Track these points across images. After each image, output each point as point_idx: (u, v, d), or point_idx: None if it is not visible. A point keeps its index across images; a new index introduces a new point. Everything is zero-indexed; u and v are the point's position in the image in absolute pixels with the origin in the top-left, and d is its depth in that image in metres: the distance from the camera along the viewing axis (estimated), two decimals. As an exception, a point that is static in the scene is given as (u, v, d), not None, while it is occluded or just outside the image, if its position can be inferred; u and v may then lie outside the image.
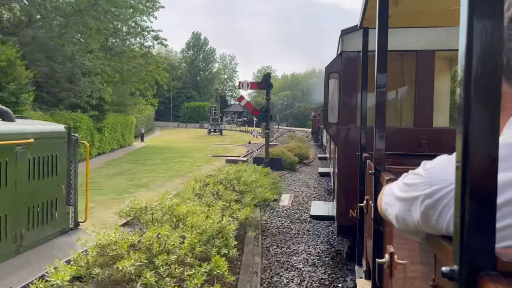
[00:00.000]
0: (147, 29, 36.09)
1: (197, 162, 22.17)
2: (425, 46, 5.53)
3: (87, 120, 24.41)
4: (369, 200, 3.13)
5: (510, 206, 0.75)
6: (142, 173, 17.89)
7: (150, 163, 22.03)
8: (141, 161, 23.44)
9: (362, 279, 3.85)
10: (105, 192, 12.56)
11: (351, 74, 5.78)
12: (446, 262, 0.84)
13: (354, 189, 4.52)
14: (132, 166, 21.08)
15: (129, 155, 27.28)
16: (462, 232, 0.66)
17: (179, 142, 41.39)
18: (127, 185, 14.43)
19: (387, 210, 1.10)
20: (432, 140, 5.37)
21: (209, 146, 32.04)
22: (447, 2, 2.93)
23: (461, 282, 0.66)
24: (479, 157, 0.65)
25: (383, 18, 2.49)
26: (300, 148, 21.34)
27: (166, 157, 25.18)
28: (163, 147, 34.11)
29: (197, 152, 28.05)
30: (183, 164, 20.91)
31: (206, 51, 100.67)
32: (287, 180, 14.82)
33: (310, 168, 18.95)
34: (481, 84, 0.64)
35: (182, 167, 19.79)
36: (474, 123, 0.64)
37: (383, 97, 2.59)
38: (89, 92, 24.09)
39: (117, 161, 23.80)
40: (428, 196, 0.86)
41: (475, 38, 0.63)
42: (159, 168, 19.94)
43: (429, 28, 5.19)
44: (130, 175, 17.57)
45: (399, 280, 1.82)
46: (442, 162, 0.89)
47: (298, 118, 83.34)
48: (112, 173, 18.42)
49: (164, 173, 17.95)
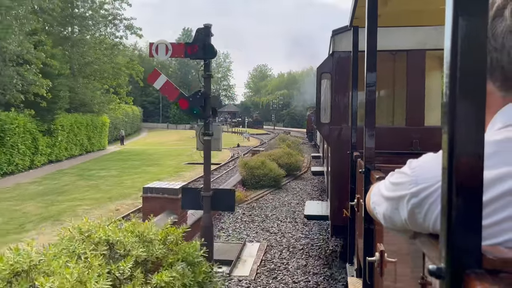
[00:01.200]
0: (118, 16, 31.82)
1: (163, 172, 19.03)
2: (416, 46, 5.57)
3: (24, 121, 20.09)
4: (360, 199, 3.14)
5: (495, 204, 0.76)
6: (75, 192, 14.64)
7: (100, 175, 18.65)
8: (93, 172, 20.04)
9: (353, 278, 3.87)
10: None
11: (343, 74, 5.81)
12: (433, 260, 0.84)
13: (347, 189, 4.54)
14: (74, 180, 17.78)
15: (86, 164, 23.81)
16: (448, 230, 0.67)
17: (162, 144, 38.62)
18: (28, 217, 11.01)
19: (375, 209, 1.10)
20: (424, 139, 5.41)
21: (190, 150, 28.48)
22: (437, 2, 2.94)
23: (447, 280, 0.67)
24: (465, 155, 0.65)
25: (372, 17, 2.49)
26: (290, 155, 16.41)
27: (129, 166, 21.89)
28: (138, 152, 30.79)
29: (171, 158, 25.04)
30: (142, 177, 17.44)
31: None
32: (263, 208, 10.61)
33: (302, 183, 14.78)
34: (466, 82, 0.64)
35: (137, 181, 16.32)
36: (460, 122, 0.65)
37: (373, 96, 2.61)
38: (18, 85, 18.90)
39: (64, 172, 20.39)
40: (414, 195, 0.86)
41: (460, 36, 0.63)
42: (107, 183, 16.53)
43: (420, 28, 5.22)
44: (56, 195, 14.20)
45: (389, 278, 1.83)
46: (428, 160, 0.89)
47: (295, 118, 79.78)
48: (36, 192, 15.03)
49: (105, 192, 14.49)
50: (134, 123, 58.94)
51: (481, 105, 0.65)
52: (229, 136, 46.19)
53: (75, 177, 18.54)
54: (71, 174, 19.59)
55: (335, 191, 6.01)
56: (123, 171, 19.99)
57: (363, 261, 2.68)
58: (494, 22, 0.85)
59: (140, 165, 22.17)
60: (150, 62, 79.58)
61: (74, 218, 7.10)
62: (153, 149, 33.21)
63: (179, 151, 30.41)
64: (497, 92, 0.88)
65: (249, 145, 34.96)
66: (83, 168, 22.02)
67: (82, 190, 15.14)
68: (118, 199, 13.12)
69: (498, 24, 0.84)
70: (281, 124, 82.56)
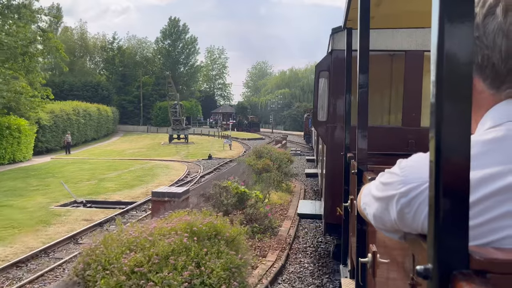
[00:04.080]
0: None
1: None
2: (414, 47, 5.59)
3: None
4: (353, 200, 3.14)
5: (483, 204, 0.76)
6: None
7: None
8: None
9: (347, 279, 3.87)
10: None
11: (341, 72, 5.81)
12: (422, 261, 0.84)
13: (341, 187, 4.55)
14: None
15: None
16: (436, 230, 0.67)
17: (120, 153, 31.42)
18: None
19: (365, 209, 1.10)
20: (420, 139, 5.43)
21: (133, 165, 22.20)
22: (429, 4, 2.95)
23: (434, 281, 0.67)
24: (452, 155, 0.65)
25: (364, 18, 2.50)
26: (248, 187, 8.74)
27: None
28: (60, 166, 23.01)
29: (76, 182, 17.14)
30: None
31: (186, 40, 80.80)
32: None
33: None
34: (452, 82, 0.64)
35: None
36: (446, 122, 0.65)
37: (365, 97, 2.61)
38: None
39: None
40: (403, 195, 0.86)
41: (446, 36, 0.63)
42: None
43: (418, 29, 5.25)
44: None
45: (381, 279, 1.83)
46: (417, 160, 0.89)
47: (296, 120, 67.39)
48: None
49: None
50: (102, 126, 50.78)
51: (467, 106, 0.65)
52: (215, 142, 39.22)
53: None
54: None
55: (329, 189, 6.02)
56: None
57: (356, 262, 2.68)
58: (486, 20, 0.85)
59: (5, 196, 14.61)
60: (133, 57, 74.13)
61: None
62: (93, 162, 24.89)
63: (126, 164, 22.93)
64: (488, 90, 0.88)
65: (227, 156, 27.28)
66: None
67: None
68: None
69: (490, 22, 0.85)
70: (282, 126, 73.27)
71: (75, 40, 71.99)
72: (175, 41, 79.86)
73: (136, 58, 76.47)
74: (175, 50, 79.83)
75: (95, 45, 74.97)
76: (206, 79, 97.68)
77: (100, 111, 50.05)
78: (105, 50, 75.08)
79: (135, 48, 78.84)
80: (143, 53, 79.79)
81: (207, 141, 41.76)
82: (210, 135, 49.95)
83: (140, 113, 68.25)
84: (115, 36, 79.41)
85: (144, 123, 66.86)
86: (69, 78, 62.08)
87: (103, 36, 78.08)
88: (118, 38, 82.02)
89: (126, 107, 67.05)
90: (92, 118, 46.49)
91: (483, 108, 0.89)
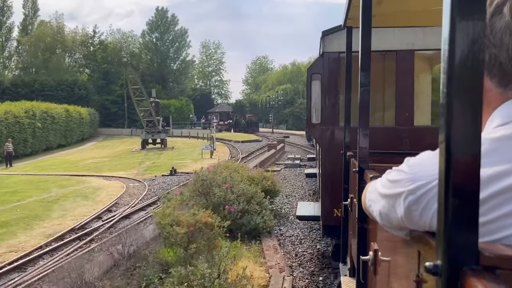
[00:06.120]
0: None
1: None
2: (404, 46, 5.62)
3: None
4: (353, 198, 3.15)
5: (493, 201, 0.76)
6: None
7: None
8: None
9: (346, 277, 3.88)
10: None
11: (333, 75, 5.88)
12: (429, 257, 0.85)
13: (338, 190, 4.56)
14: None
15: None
16: (445, 227, 0.67)
17: (75, 165, 26.36)
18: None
19: (370, 207, 1.11)
20: (413, 138, 5.47)
21: (51, 189, 16.36)
22: (431, 2, 2.97)
23: (444, 277, 0.67)
24: (462, 152, 0.66)
25: (366, 17, 2.51)
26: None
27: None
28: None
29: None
30: None
31: (175, 32, 74.26)
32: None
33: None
34: (463, 80, 0.65)
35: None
36: (457, 119, 0.65)
37: (367, 96, 2.62)
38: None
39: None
40: (412, 192, 0.87)
41: (457, 35, 0.64)
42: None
43: (407, 29, 5.28)
44: None
45: (383, 277, 1.84)
46: (425, 158, 0.90)
47: (299, 117, 59.71)
48: None
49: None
50: (74, 130, 44.20)
51: (478, 104, 0.65)
52: (200, 146, 28.71)
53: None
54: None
55: (326, 192, 6.04)
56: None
57: (356, 260, 2.69)
58: (493, 19, 0.86)
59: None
60: (117, 53, 68.18)
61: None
62: (16, 180, 19.51)
63: (52, 184, 17.63)
64: (495, 89, 0.89)
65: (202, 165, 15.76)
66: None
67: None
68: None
69: (497, 21, 0.85)
70: (284, 125, 66.64)
71: (51, 35, 64.97)
72: (163, 34, 73.13)
73: (121, 54, 69.55)
74: (164, 44, 73.23)
75: (74, 40, 67.90)
76: (202, 76, 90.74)
77: (70, 113, 43.44)
78: (85, 45, 68.38)
79: (119, 43, 71.84)
80: (129, 48, 73.05)
81: (191, 146, 34.98)
82: (200, 137, 42.19)
83: (124, 114, 59.91)
84: (95, 29, 71.41)
85: (130, 125, 57.76)
86: (41, 77, 56.67)
87: (82, 30, 70.57)
88: (100, 32, 73.55)
89: (109, 108, 59.75)
90: (56, 121, 39.64)
91: (491, 106, 0.89)
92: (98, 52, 67.32)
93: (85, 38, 69.02)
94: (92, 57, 67.82)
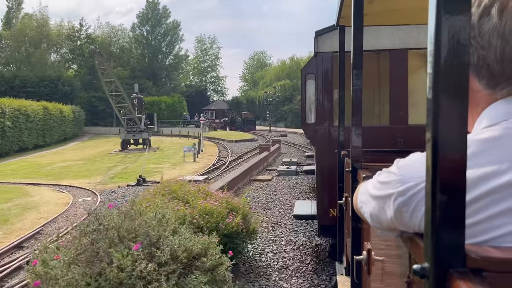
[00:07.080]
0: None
1: None
2: (398, 45, 5.64)
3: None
4: (347, 197, 3.15)
5: (479, 203, 0.76)
6: None
7: None
8: None
9: (342, 276, 3.89)
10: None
11: (327, 74, 5.89)
12: (419, 259, 0.84)
13: (333, 189, 4.56)
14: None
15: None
16: (432, 229, 0.67)
17: (33, 171, 22.61)
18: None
19: (362, 208, 1.10)
20: (408, 137, 5.48)
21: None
22: (423, 0, 2.96)
23: (431, 279, 0.67)
24: (448, 154, 0.65)
25: (358, 15, 2.50)
26: None
27: None
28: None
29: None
30: None
31: (167, 25, 70.22)
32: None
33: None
34: (449, 81, 0.64)
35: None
36: (443, 120, 0.65)
37: (359, 95, 2.61)
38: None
39: None
40: (401, 194, 0.87)
41: (443, 35, 0.63)
42: None
43: (401, 27, 5.29)
44: None
45: (376, 277, 1.84)
46: (414, 160, 0.89)
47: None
48: None
49: None
50: (54, 129, 40.90)
51: (464, 104, 0.65)
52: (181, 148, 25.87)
53: None
54: None
55: (321, 192, 6.05)
56: None
57: (351, 260, 2.69)
58: (481, 21, 0.85)
59: None
60: (107, 48, 63.64)
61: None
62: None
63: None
64: (484, 90, 0.89)
65: (176, 176, 12.99)
66: None
67: None
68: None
69: (485, 22, 0.85)
70: (282, 123, 63.27)
71: (35, 28, 60.50)
72: (154, 27, 68.75)
73: (111, 49, 65.71)
74: (155, 38, 69.04)
75: (59, 33, 63.53)
76: (197, 72, 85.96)
77: (49, 110, 39.72)
78: (71, 39, 64.34)
79: (109, 37, 68.31)
80: (119, 42, 69.42)
81: (179, 146, 30.28)
82: (191, 137, 39.67)
83: (113, 112, 54.83)
84: (82, 22, 66.89)
85: (118, 124, 52.72)
86: (22, 72, 52.99)
87: (68, 23, 65.94)
88: (87, 24, 68.78)
89: (96, 106, 55.84)
90: (32, 120, 35.86)
91: (480, 107, 0.89)
92: (86, 46, 62.12)
93: (71, 31, 64.93)
94: (79, 52, 63.80)
